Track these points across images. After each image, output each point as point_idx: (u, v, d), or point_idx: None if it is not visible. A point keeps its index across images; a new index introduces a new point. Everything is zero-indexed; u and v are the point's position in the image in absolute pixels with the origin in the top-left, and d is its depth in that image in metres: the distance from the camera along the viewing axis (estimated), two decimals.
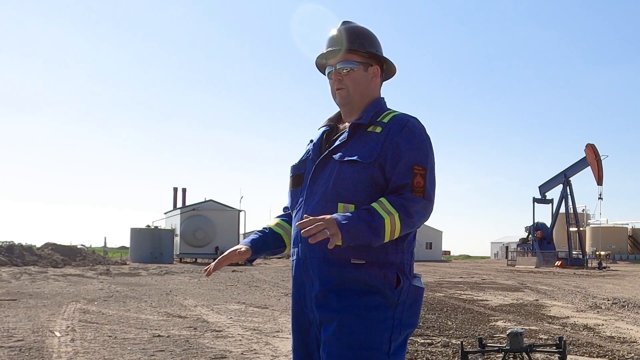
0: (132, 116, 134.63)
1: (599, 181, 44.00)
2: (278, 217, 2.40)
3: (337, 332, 1.99)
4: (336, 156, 2.11)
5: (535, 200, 47.57)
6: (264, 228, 2.34)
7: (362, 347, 1.98)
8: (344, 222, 1.90)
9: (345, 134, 2.16)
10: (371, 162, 2.06)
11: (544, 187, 47.26)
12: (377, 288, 2.02)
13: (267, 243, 2.28)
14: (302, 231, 1.88)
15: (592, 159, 43.62)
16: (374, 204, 1.98)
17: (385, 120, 2.14)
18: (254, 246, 2.25)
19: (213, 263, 2.18)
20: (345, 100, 2.22)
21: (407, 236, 2.09)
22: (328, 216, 1.91)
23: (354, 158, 2.07)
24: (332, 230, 1.87)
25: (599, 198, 45.30)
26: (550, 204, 47.62)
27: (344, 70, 2.20)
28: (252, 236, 2.30)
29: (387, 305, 2.02)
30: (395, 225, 1.96)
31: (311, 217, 1.90)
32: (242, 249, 2.22)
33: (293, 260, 2.17)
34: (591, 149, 43.67)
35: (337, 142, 2.16)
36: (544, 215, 48.47)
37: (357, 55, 2.20)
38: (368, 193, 2.05)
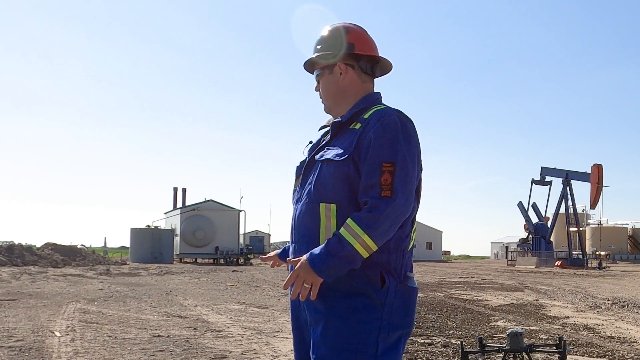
0: (132, 116, 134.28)
1: (592, 205, 44.40)
2: None
3: (323, 335, 1.99)
4: (317, 156, 2.14)
5: (534, 181, 47.22)
6: None
7: (347, 349, 1.96)
8: (318, 265, 1.92)
9: (329, 134, 2.20)
10: (344, 160, 2.03)
11: (546, 171, 46.77)
12: (360, 289, 1.98)
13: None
14: (290, 295, 2.02)
15: (594, 181, 43.22)
16: (342, 229, 1.94)
17: (366, 115, 2.11)
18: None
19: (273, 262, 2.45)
20: (324, 106, 2.31)
21: (394, 235, 2.00)
22: (303, 261, 1.94)
23: (330, 157, 2.07)
24: (310, 279, 1.92)
25: (598, 224, 45.68)
26: (549, 186, 47.34)
27: (318, 80, 2.29)
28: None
29: (373, 306, 1.98)
30: (368, 244, 1.92)
31: (290, 275, 1.97)
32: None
33: None
34: (597, 170, 43.25)
35: (323, 143, 2.19)
36: (541, 208, 47.99)
37: (320, 62, 2.26)
38: (347, 191, 2.02)
